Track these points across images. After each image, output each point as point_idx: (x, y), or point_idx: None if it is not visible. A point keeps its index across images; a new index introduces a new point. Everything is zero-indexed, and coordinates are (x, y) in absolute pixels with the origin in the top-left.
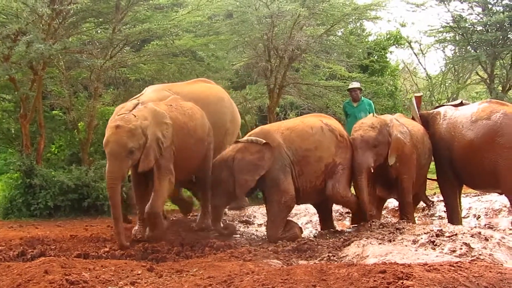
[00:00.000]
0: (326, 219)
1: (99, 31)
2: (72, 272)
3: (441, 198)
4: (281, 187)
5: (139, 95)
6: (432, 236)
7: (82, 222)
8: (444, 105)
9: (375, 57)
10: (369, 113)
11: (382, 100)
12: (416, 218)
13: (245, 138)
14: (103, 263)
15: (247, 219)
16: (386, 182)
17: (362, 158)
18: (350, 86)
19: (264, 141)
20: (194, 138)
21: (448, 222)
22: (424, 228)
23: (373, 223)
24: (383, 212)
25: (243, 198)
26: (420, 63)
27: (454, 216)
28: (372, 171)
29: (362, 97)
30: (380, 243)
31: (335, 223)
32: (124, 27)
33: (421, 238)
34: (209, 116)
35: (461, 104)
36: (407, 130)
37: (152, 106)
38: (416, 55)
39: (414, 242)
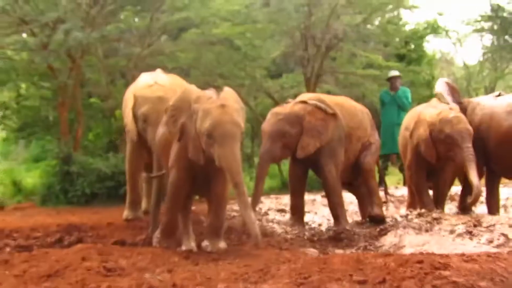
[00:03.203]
0: (365, 207)
1: (137, 20)
2: (109, 259)
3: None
4: (338, 158)
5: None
6: (469, 226)
7: (118, 209)
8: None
9: (412, 46)
10: (405, 99)
11: (419, 90)
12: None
13: (313, 102)
14: (139, 250)
15: (283, 207)
16: (427, 170)
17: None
18: (391, 74)
19: (332, 111)
20: None
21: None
22: (461, 218)
23: (411, 213)
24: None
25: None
26: (457, 52)
27: (467, 207)
28: None
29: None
30: (417, 233)
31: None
32: (162, 15)
33: (459, 228)
34: None
35: (499, 95)
36: None
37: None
38: (453, 44)
39: (452, 232)
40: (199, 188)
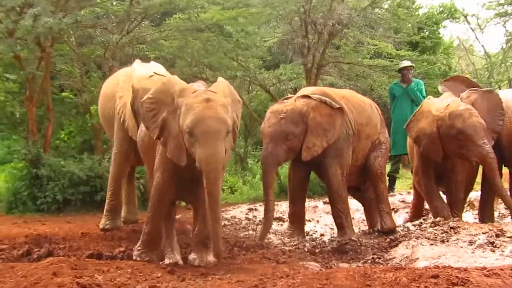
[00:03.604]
0: (373, 215)
1: (114, 3)
2: (84, 275)
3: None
4: (344, 159)
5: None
6: (491, 237)
7: (94, 218)
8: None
9: (427, 32)
10: (418, 92)
11: (434, 82)
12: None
13: (317, 96)
14: (118, 264)
15: (280, 215)
16: (437, 173)
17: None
18: (403, 65)
19: (338, 106)
20: None
21: (479, 221)
22: (481, 228)
23: (424, 221)
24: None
25: None
26: (477, 39)
27: (488, 214)
28: None
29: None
30: (432, 244)
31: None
32: None
33: (479, 239)
34: None
35: None
36: None
37: (224, 80)
38: (473, 31)
39: (471, 243)
40: (185, 194)
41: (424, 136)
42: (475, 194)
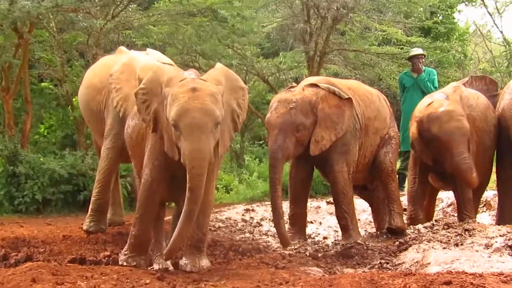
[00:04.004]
0: (381, 216)
1: None
2: (65, 281)
3: None
4: (351, 155)
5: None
6: (509, 239)
7: (77, 219)
8: None
9: (440, 17)
10: (430, 83)
11: (448, 71)
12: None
13: (325, 85)
14: (103, 270)
15: None
16: (442, 171)
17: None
18: (413, 53)
19: (347, 96)
20: None
21: (496, 222)
22: (499, 230)
23: (436, 223)
24: (449, 209)
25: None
26: (495, 25)
27: (506, 216)
28: None
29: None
30: (444, 248)
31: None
32: None
33: (496, 242)
34: None
35: None
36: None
37: (223, 66)
38: (490, 15)
39: (487, 246)
40: (177, 193)
41: (415, 142)
42: (492, 193)
